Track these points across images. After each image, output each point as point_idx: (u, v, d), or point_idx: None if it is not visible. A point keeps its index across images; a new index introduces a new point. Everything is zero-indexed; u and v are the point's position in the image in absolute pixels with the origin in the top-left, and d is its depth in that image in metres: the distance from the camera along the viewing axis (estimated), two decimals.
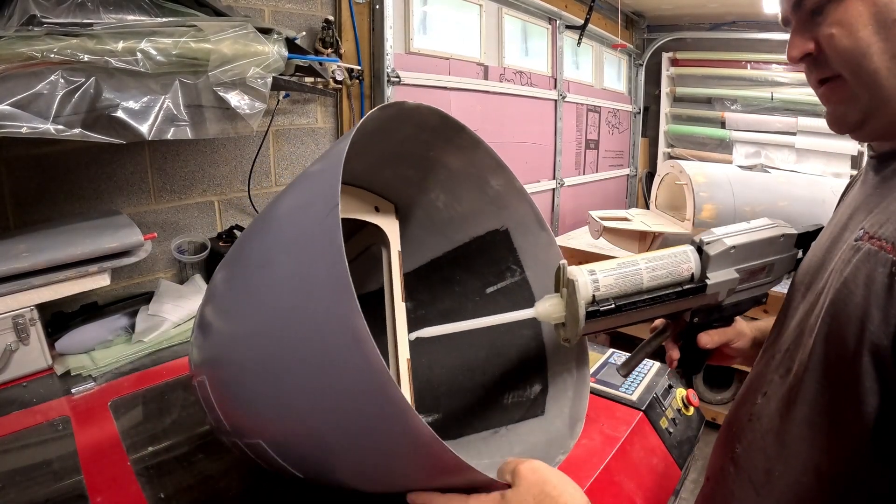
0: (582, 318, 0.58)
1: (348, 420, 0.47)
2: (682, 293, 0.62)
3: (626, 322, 0.62)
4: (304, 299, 0.47)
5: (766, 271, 0.68)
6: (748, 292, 0.69)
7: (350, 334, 0.41)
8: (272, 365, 0.51)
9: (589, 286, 0.58)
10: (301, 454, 0.56)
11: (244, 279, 0.58)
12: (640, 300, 0.60)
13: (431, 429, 0.42)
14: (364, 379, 0.42)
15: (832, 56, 0.52)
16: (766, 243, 0.66)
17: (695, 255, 0.63)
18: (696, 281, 0.63)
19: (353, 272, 0.41)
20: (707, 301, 0.64)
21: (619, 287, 0.59)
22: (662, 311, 0.64)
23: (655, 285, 0.61)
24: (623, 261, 0.61)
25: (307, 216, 0.51)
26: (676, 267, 0.62)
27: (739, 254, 0.64)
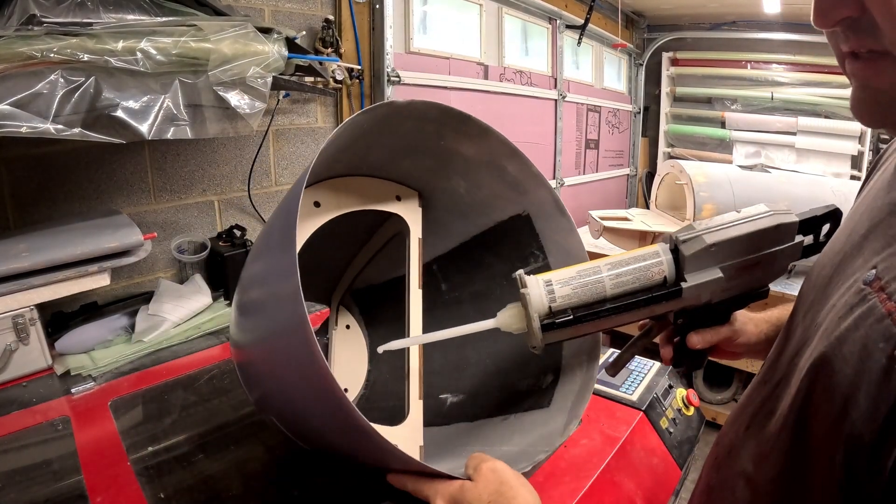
0: (537, 331, 0.55)
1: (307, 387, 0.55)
2: (654, 299, 0.56)
3: (594, 330, 0.58)
4: (272, 296, 0.57)
5: (761, 266, 0.59)
6: (742, 287, 0.61)
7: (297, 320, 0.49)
8: (261, 348, 0.59)
9: (544, 298, 0.56)
10: (295, 425, 0.64)
11: (249, 274, 0.64)
12: (602, 310, 0.55)
13: (339, 385, 0.47)
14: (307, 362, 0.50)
15: (886, 25, 0.38)
16: (757, 236, 0.57)
17: (668, 256, 0.57)
18: (668, 285, 0.57)
19: (383, 259, 0.45)
20: (686, 304, 0.58)
21: (577, 297, 0.56)
22: (635, 317, 0.58)
23: (621, 292, 0.56)
24: (584, 268, 0.57)
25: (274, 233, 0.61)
26: (645, 271, 0.56)
27: (723, 251, 0.56)
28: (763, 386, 0.54)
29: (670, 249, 0.57)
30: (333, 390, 0.46)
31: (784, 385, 0.49)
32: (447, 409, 0.88)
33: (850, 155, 3.29)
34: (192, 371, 1.04)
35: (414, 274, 0.83)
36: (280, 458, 0.82)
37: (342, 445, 0.60)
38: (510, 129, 2.60)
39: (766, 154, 3.48)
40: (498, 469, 0.52)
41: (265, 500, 0.74)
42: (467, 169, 0.80)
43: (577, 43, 2.98)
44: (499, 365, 0.88)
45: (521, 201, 0.81)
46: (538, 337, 0.56)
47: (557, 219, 0.79)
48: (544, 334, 0.56)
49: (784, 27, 3.27)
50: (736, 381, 2.59)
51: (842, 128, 3.28)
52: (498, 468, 0.52)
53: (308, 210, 0.73)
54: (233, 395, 0.98)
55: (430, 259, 0.93)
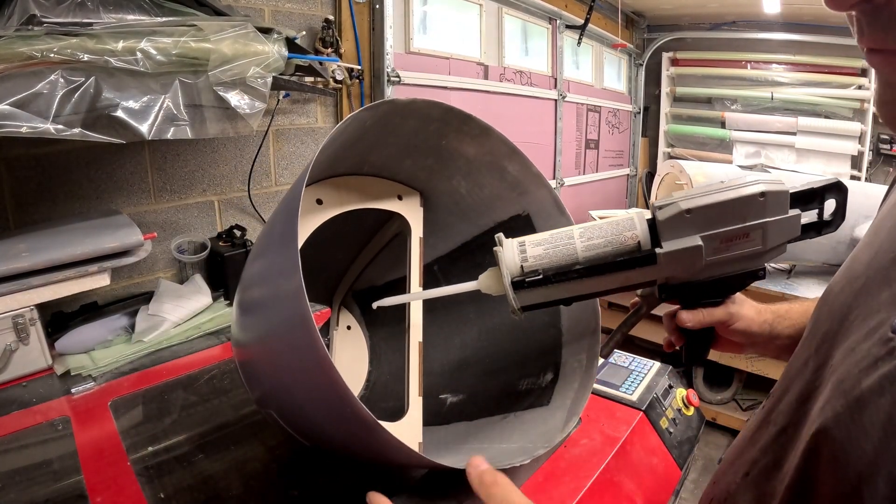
0: (508, 287, 0.57)
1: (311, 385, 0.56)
2: (625, 263, 0.54)
3: (568, 294, 0.57)
4: (275, 288, 0.57)
5: (750, 237, 0.54)
6: (733, 265, 0.56)
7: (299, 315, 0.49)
8: (261, 346, 0.60)
9: (516, 257, 0.57)
10: (297, 420, 0.65)
11: (251, 271, 0.65)
12: (572, 271, 0.55)
13: (343, 380, 0.48)
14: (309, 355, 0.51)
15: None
16: (739, 203, 0.53)
17: (642, 222, 0.55)
18: (641, 250, 0.55)
19: (384, 259, 0.45)
20: (667, 273, 0.55)
21: (549, 258, 0.56)
22: (609, 283, 0.56)
23: (592, 255, 0.55)
24: (558, 231, 0.57)
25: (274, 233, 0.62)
26: (618, 236, 0.55)
27: (701, 218, 0.53)
28: (766, 427, 0.49)
29: (648, 218, 0.56)
30: (337, 382, 0.47)
31: (791, 434, 0.43)
32: (447, 409, 0.88)
33: (850, 155, 3.29)
34: (192, 371, 1.04)
35: (415, 273, 0.84)
36: (280, 457, 0.82)
37: (344, 440, 0.60)
38: (510, 129, 2.59)
39: (766, 154, 3.48)
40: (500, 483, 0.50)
41: (265, 500, 0.74)
42: (468, 169, 0.80)
43: (577, 43, 2.98)
44: (498, 365, 0.88)
45: (521, 201, 0.81)
46: (510, 296, 0.57)
47: (557, 219, 0.79)
48: (517, 293, 0.57)
49: (784, 27, 3.27)
50: (736, 382, 2.59)
51: (842, 128, 3.28)
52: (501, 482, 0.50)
53: (310, 207, 0.74)
54: (233, 395, 0.98)
55: (431, 260, 0.93)
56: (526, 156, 0.76)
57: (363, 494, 0.57)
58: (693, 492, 2.04)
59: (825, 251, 2.37)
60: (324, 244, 0.78)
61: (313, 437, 0.66)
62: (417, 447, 0.74)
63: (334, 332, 0.97)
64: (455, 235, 0.90)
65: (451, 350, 0.93)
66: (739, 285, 0.60)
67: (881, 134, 3.24)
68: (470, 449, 0.74)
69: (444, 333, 0.94)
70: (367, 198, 0.80)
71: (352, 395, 0.47)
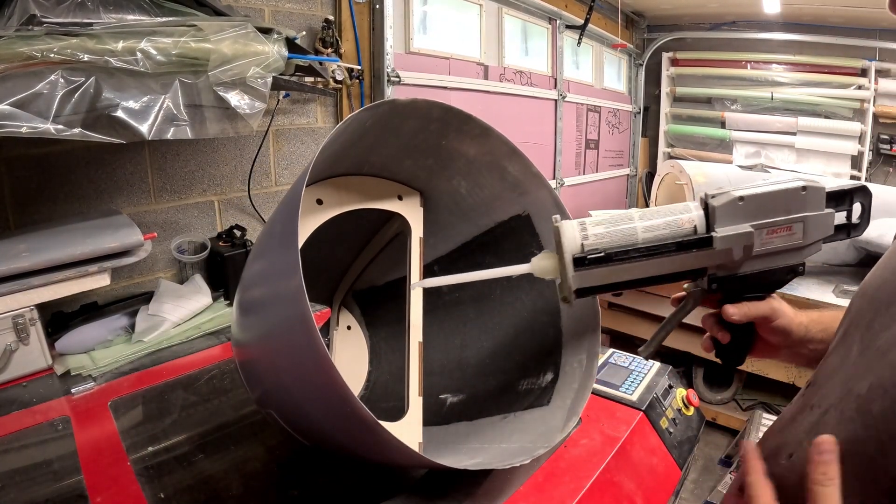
0: (569, 265, 0.56)
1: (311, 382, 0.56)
2: (684, 245, 0.56)
3: (626, 277, 0.57)
4: (275, 288, 0.58)
5: (792, 230, 0.58)
6: (776, 258, 0.59)
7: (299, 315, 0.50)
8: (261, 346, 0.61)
9: (577, 236, 0.57)
10: (297, 420, 0.65)
11: (252, 271, 0.65)
12: (633, 250, 0.56)
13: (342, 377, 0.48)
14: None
15: None
16: (784, 195, 0.57)
17: (697, 208, 0.58)
18: (698, 233, 0.57)
19: (384, 260, 0.45)
20: (719, 259, 0.57)
21: (609, 237, 0.57)
22: (666, 267, 0.57)
23: (651, 237, 0.57)
24: (617, 213, 0.58)
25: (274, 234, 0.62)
26: (675, 218, 0.57)
27: (751, 206, 0.56)
28: (809, 410, 0.50)
29: (701, 207, 0.58)
30: (337, 382, 0.47)
31: (836, 414, 0.45)
32: (447, 409, 0.88)
33: (850, 155, 3.29)
34: (192, 371, 1.04)
35: (415, 272, 0.84)
36: (280, 457, 0.82)
37: (344, 440, 0.60)
38: (510, 129, 2.59)
39: (766, 154, 3.48)
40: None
41: (265, 500, 0.74)
42: (468, 169, 0.80)
43: (577, 43, 2.98)
44: (499, 365, 0.88)
45: (521, 201, 0.81)
46: (569, 275, 0.56)
47: None
48: (576, 273, 0.56)
49: (784, 27, 3.27)
50: (736, 382, 2.59)
51: (842, 128, 3.28)
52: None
53: (311, 207, 0.74)
54: (233, 395, 0.98)
55: (432, 260, 0.93)
56: (526, 156, 0.76)
57: (363, 494, 0.57)
58: (693, 492, 2.03)
59: (825, 251, 2.36)
60: (324, 244, 0.78)
61: (313, 437, 0.66)
62: (417, 447, 0.74)
63: (334, 332, 0.97)
64: (455, 235, 0.90)
65: (451, 350, 0.93)
66: (782, 280, 0.61)
67: (881, 134, 3.24)
68: (470, 449, 0.74)
69: (444, 333, 0.94)
70: (368, 198, 0.80)
71: (352, 394, 0.47)
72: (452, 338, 0.94)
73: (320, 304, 1.01)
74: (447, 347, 0.94)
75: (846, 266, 2.41)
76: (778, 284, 0.62)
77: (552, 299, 0.82)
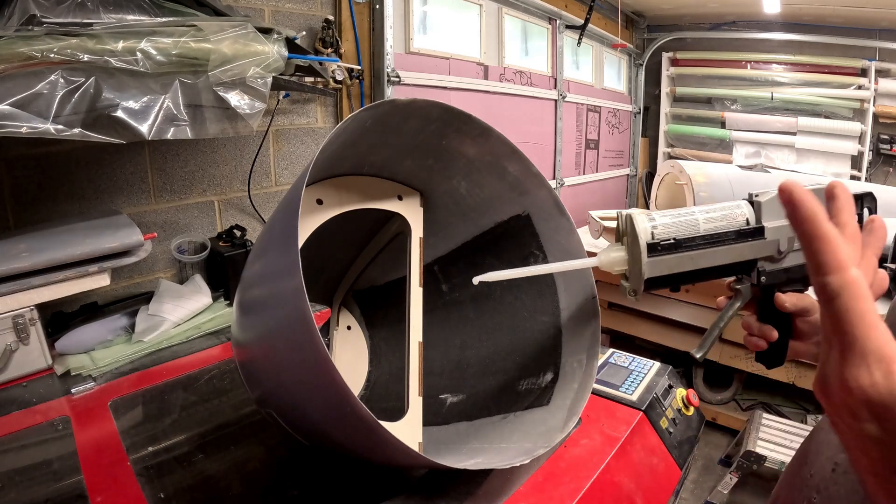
0: (644, 251, 0.60)
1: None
2: (742, 234, 0.63)
3: (692, 266, 0.62)
4: (275, 288, 0.58)
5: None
6: None
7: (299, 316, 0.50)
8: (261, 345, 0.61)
9: (647, 226, 0.61)
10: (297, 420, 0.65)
11: (252, 271, 0.65)
12: (698, 237, 0.62)
13: (342, 376, 0.48)
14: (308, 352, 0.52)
15: None
16: (818, 194, 0.65)
17: (747, 205, 0.65)
18: (750, 224, 0.63)
19: (385, 258, 0.45)
20: (769, 251, 0.64)
21: (676, 227, 0.62)
22: (725, 256, 0.63)
23: (712, 227, 0.62)
24: (678, 209, 0.64)
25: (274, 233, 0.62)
26: (731, 212, 0.64)
27: None
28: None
29: (748, 203, 0.64)
30: (337, 382, 0.47)
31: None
32: (447, 409, 0.88)
33: (850, 155, 3.29)
34: (192, 371, 1.04)
35: (415, 272, 0.84)
36: (280, 457, 0.82)
37: (344, 440, 0.60)
38: (510, 129, 2.60)
39: (766, 154, 3.48)
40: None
41: (265, 500, 0.74)
42: (469, 169, 0.80)
43: (577, 43, 2.98)
44: (499, 365, 0.88)
45: (521, 201, 0.81)
46: (643, 263, 0.60)
47: (557, 219, 0.79)
48: (650, 259, 0.60)
49: (784, 27, 3.27)
50: (736, 382, 2.59)
51: (842, 128, 3.28)
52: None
53: (311, 207, 0.74)
54: (233, 395, 0.98)
55: (432, 260, 0.93)
56: (526, 156, 0.76)
57: (363, 494, 0.57)
58: (693, 492, 2.04)
59: None
60: (324, 244, 0.78)
61: (313, 437, 0.66)
62: (417, 447, 0.74)
63: (334, 332, 0.97)
64: (455, 235, 0.90)
65: (451, 350, 0.93)
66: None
67: (881, 134, 3.24)
68: (470, 449, 0.74)
69: (444, 333, 0.94)
70: (368, 198, 0.80)
71: (352, 394, 0.47)
72: (452, 338, 0.94)
73: (320, 304, 1.01)
74: (447, 347, 0.94)
75: None
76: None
77: (552, 299, 0.82)
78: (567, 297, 0.81)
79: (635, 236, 0.61)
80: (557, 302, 0.82)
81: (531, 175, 0.78)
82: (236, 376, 0.93)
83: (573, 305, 0.80)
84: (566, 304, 0.81)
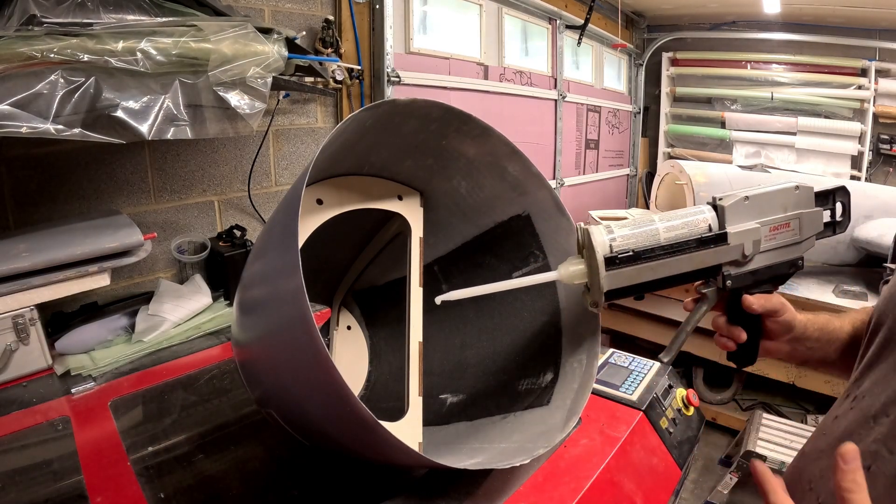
0: (601, 265, 0.59)
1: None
2: (703, 241, 0.62)
3: (653, 276, 0.61)
4: (275, 288, 0.58)
5: (790, 227, 0.65)
6: (778, 253, 0.65)
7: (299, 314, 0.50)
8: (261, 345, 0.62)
9: (605, 239, 0.61)
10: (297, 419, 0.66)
11: (252, 271, 0.66)
12: (658, 247, 0.60)
13: (341, 376, 0.48)
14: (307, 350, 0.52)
15: None
16: (782, 194, 0.64)
17: (710, 210, 0.64)
18: (713, 231, 0.63)
19: (385, 258, 0.45)
20: (734, 256, 0.63)
21: (635, 238, 0.61)
22: (688, 264, 0.62)
23: (673, 236, 0.61)
24: (639, 218, 0.63)
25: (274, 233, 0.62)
26: (692, 219, 0.63)
27: (756, 204, 0.63)
28: (874, 421, 0.51)
29: (712, 207, 0.64)
30: (337, 382, 0.47)
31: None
32: (447, 409, 0.88)
33: (850, 155, 3.29)
34: (192, 371, 1.04)
35: (415, 272, 0.84)
36: (280, 457, 0.82)
37: (344, 440, 0.60)
38: (510, 129, 2.59)
39: (766, 154, 3.48)
40: None
41: (265, 500, 0.74)
42: (469, 169, 0.80)
43: (577, 43, 2.97)
44: (499, 365, 0.88)
45: (521, 202, 0.81)
46: (601, 276, 0.59)
47: (557, 219, 0.79)
48: (608, 272, 0.59)
49: (784, 27, 3.27)
50: (736, 382, 2.59)
51: (842, 128, 3.28)
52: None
53: (311, 207, 0.74)
54: (233, 395, 0.98)
55: (432, 260, 0.93)
56: (526, 156, 0.76)
57: (363, 494, 0.57)
58: (693, 492, 2.03)
59: (825, 251, 2.37)
60: (324, 244, 0.78)
61: (313, 437, 0.66)
62: (417, 447, 0.74)
63: (334, 332, 0.97)
64: (455, 235, 0.90)
65: (451, 350, 0.93)
66: (785, 274, 0.67)
67: (881, 134, 3.24)
68: (470, 449, 0.74)
69: (444, 333, 0.94)
70: (368, 198, 0.80)
71: (352, 394, 0.47)
72: (452, 338, 0.94)
73: (320, 304, 1.01)
74: (447, 347, 0.94)
75: (846, 266, 2.41)
76: (782, 278, 0.67)
77: (552, 299, 0.82)
78: (567, 297, 0.81)
79: (593, 250, 0.60)
80: (557, 302, 0.82)
81: (531, 175, 0.78)
82: (236, 376, 0.93)
83: (573, 305, 0.80)
84: (566, 304, 0.81)
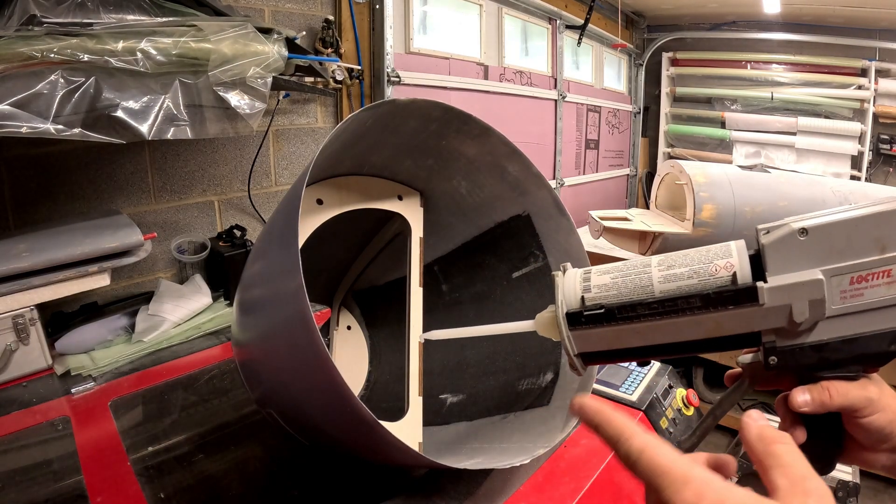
0: (561, 324, 0.45)
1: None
2: (711, 300, 0.40)
3: (638, 341, 0.44)
4: (275, 287, 0.58)
5: (892, 277, 0.38)
6: (870, 318, 0.39)
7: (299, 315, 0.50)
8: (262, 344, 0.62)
9: (577, 286, 0.45)
10: (297, 419, 0.65)
11: (252, 271, 0.66)
12: (641, 304, 0.42)
13: (342, 377, 0.48)
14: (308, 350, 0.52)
15: None
16: (872, 223, 0.38)
17: (741, 250, 0.41)
18: (737, 283, 0.40)
19: (385, 258, 0.45)
20: (774, 322, 0.40)
21: (617, 288, 0.44)
22: (693, 328, 0.42)
23: (672, 288, 0.42)
24: (632, 259, 0.46)
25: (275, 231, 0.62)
26: (706, 264, 0.41)
27: (821, 241, 0.38)
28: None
29: (743, 247, 0.42)
30: (337, 382, 0.47)
31: None
32: (447, 409, 0.88)
33: (850, 155, 3.29)
34: (192, 371, 1.04)
35: (415, 272, 0.84)
36: (280, 457, 0.82)
37: (344, 440, 0.60)
38: (510, 129, 2.59)
39: (766, 154, 3.48)
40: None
41: (265, 500, 0.74)
42: (469, 169, 0.80)
43: (577, 43, 2.98)
44: (499, 365, 0.88)
45: (521, 202, 0.81)
46: (564, 334, 0.45)
47: (557, 219, 0.79)
48: (572, 333, 0.45)
49: (784, 27, 3.27)
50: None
51: (842, 128, 3.28)
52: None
53: (311, 207, 0.74)
54: (233, 395, 0.98)
55: (432, 260, 0.93)
56: (526, 156, 0.76)
57: (363, 494, 0.57)
58: None
59: None
60: (324, 244, 0.78)
61: (313, 436, 0.66)
62: (417, 447, 0.74)
63: (334, 332, 0.97)
64: (455, 235, 0.90)
65: (451, 350, 0.93)
66: (883, 353, 0.40)
67: (881, 134, 3.24)
68: (470, 449, 0.75)
69: None
70: (368, 198, 0.80)
71: (352, 394, 0.47)
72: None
73: (320, 304, 1.01)
74: (447, 347, 0.94)
75: None
76: (877, 359, 0.40)
77: (552, 300, 0.82)
78: None
79: (556, 299, 0.45)
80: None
81: (531, 175, 0.78)
82: (236, 376, 0.93)
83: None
84: None
